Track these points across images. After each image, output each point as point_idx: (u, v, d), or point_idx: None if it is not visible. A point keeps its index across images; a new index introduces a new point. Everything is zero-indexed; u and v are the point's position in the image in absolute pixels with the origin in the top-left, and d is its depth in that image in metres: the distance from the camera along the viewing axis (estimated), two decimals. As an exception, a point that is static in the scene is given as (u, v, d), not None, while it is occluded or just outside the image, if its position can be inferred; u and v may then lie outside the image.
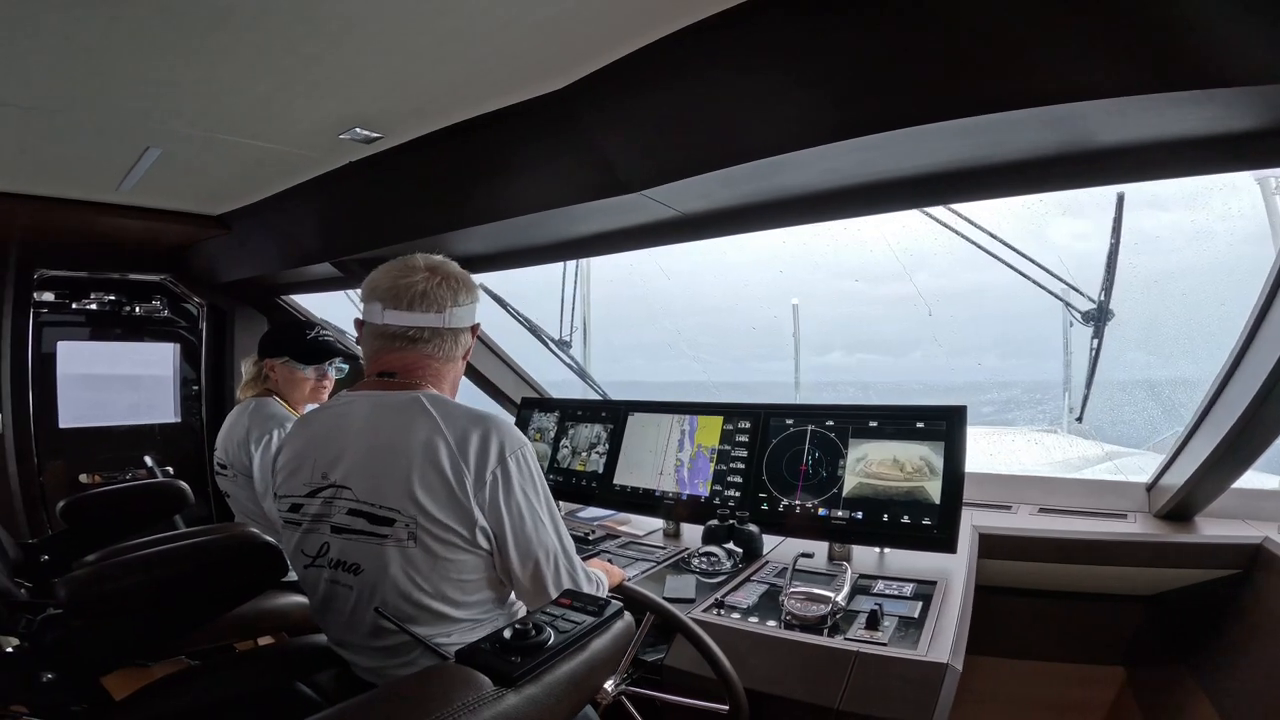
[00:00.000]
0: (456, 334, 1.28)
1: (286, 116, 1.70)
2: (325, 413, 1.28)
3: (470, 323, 1.31)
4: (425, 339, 1.25)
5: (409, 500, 1.08)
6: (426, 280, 1.25)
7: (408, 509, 1.08)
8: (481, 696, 0.71)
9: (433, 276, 1.26)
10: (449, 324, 1.25)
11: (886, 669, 1.26)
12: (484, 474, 1.10)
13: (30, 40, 1.33)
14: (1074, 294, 1.85)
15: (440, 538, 1.09)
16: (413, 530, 1.09)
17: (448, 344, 1.27)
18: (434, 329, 1.25)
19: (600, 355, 3.57)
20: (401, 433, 1.12)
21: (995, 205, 1.81)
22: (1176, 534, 1.88)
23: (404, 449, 1.11)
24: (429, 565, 1.10)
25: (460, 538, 1.10)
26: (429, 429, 1.12)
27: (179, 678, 1.27)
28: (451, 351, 1.28)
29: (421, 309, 1.23)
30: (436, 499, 1.08)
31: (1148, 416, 3.33)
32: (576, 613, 0.88)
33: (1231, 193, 2.07)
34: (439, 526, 1.08)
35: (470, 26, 1.27)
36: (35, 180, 2.29)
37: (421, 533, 1.08)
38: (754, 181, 1.57)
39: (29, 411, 3.05)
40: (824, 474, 1.93)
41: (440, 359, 1.27)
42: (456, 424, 1.13)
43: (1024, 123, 1.16)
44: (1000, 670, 2.22)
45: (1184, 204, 2.20)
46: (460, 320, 1.28)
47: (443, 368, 1.28)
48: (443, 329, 1.25)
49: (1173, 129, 1.17)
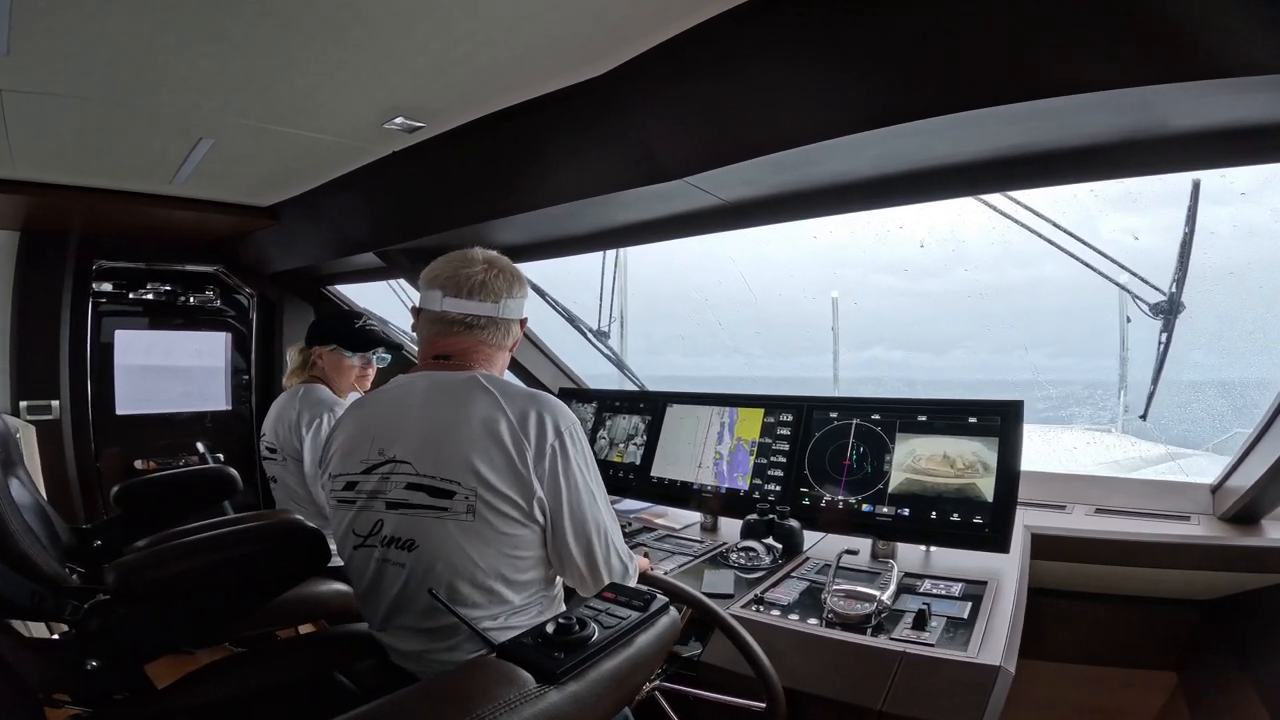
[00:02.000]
0: (508, 324, 1.34)
1: (332, 106, 1.72)
2: (382, 394, 1.32)
3: (520, 315, 1.38)
4: (480, 326, 1.30)
5: (469, 472, 1.11)
6: (485, 271, 1.31)
7: (468, 480, 1.11)
8: (524, 694, 0.69)
9: (490, 269, 1.33)
10: (502, 314, 1.32)
11: (934, 670, 1.22)
12: (544, 446, 1.14)
13: (89, 34, 1.37)
14: (1142, 286, 1.75)
15: (498, 509, 1.12)
16: (471, 503, 1.11)
17: (499, 333, 1.33)
18: (489, 317, 1.31)
19: (637, 347, 3.55)
20: (461, 408, 1.16)
21: (1045, 200, 1.74)
22: (1241, 537, 1.79)
23: (465, 422, 1.14)
24: (485, 540, 1.12)
25: (518, 509, 1.12)
26: (489, 404, 1.16)
27: (220, 666, 1.29)
28: (502, 340, 1.35)
29: (479, 298, 1.29)
30: (497, 470, 1.11)
31: (1209, 416, 3.17)
32: (621, 607, 0.86)
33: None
34: (498, 498, 1.11)
35: (512, 12, 1.26)
36: (94, 172, 2.37)
37: (480, 505, 1.11)
38: (800, 168, 1.53)
39: (87, 398, 3.18)
40: (869, 469, 1.88)
41: (493, 346, 1.33)
42: (515, 400, 1.17)
43: (1091, 107, 1.11)
44: (1046, 674, 2.15)
45: (1248, 199, 2.07)
46: (512, 312, 1.34)
47: (494, 354, 1.34)
48: (497, 318, 1.31)
49: (1247, 115, 1.11)
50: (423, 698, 0.72)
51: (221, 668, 1.26)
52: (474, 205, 2.07)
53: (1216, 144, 1.23)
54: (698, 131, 1.48)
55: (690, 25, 1.30)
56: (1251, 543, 1.76)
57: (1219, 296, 2.12)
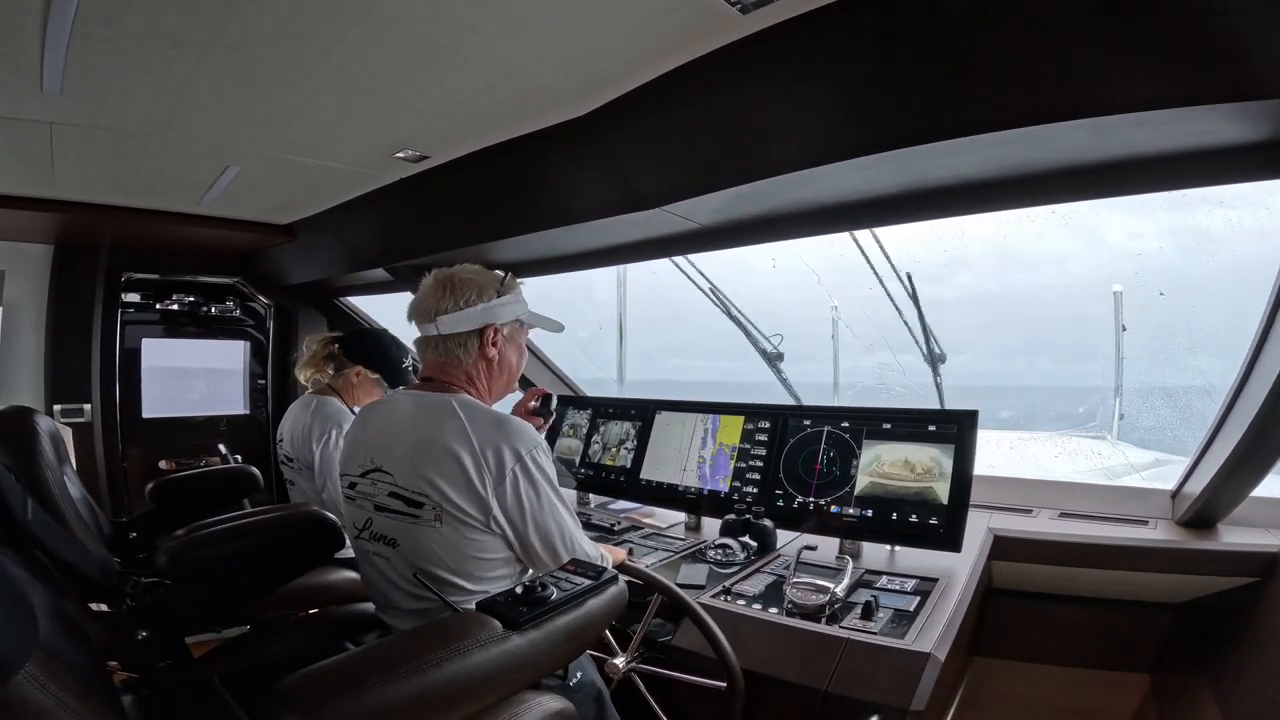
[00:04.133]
0: (451, 339, 1.38)
1: (347, 139, 1.89)
2: (380, 407, 1.47)
3: (468, 326, 1.37)
4: (435, 345, 1.39)
5: (434, 489, 1.25)
6: (425, 293, 1.40)
7: (434, 495, 1.25)
8: (492, 635, 0.89)
9: (433, 288, 1.39)
10: (441, 330, 1.37)
11: (873, 656, 1.35)
12: (504, 472, 1.25)
13: (132, 77, 1.54)
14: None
15: (461, 520, 1.25)
16: (438, 513, 1.25)
17: (458, 347, 1.38)
18: (432, 337, 1.38)
19: (633, 356, 3.70)
20: (434, 430, 1.28)
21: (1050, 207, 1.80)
22: (1194, 541, 1.88)
23: (434, 445, 1.27)
24: (453, 542, 1.27)
25: (478, 521, 1.26)
26: (455, 431, 1.27)
27: (246, 639, 1.49)
28: (456, 356, 1.39)
29: (420, 320, 1.40)
30: (457, 489, 1.24)
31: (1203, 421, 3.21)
32: (578, 576, 1.05)
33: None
34: (459, 511, 1.25)
35: (505, 62, 1.42)
36: (128, 194, 2.55)
37: (445, 515, 1.25)
38: (768, 197, 1.67)
39: (115, 402, 3.38)
40: (837, 473, 2.01)
41: (451, 362, 1.39)
42: (480, 428, 1.27)
43: (1053, 134, 1.19)
44: (1024, 674, 2.22)
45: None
46: (453, 326, 1.36)
47: (458, 370, 1.40)
48: (437, 336, 1.38)
49: (1204, 139, 1.22)
50: (417, 636, 0.92)
51: (248, 640, 1.46)
52: (474, 226, 2.24)
53: (1170, 166, 1.33)
54: (671, 165, 1.63)
55: (664, 71, 1.44)
56: (1203, 546, 1.84)
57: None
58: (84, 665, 0.88)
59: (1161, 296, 2.82)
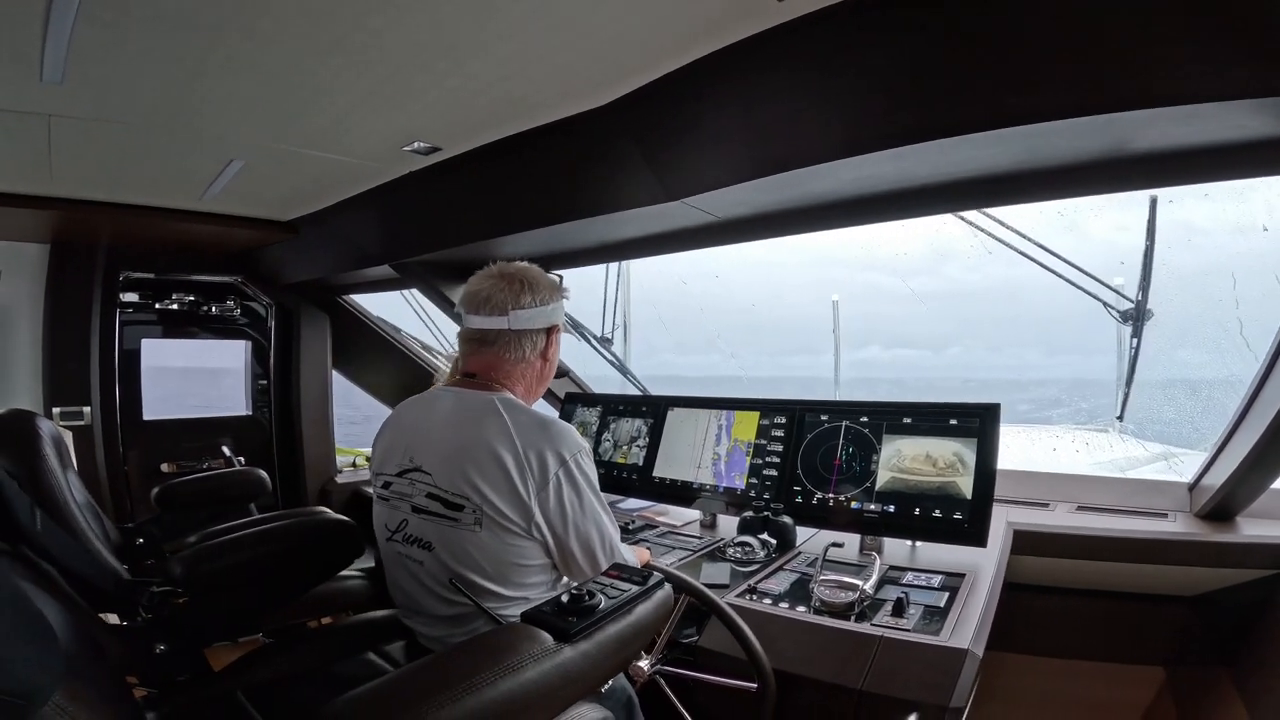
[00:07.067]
0: (526, 335, 1.35)
1: (357, 132, 1.85)
2: (418, 404, 1.41)
3: (540, 324, 1.37)
4: (492, 341, 1.35)
5: (475, 491, 1.21)
6: (493, 285, 1.35)
7: (475, 497, 1.21)
8: (544, 649, 0.84)
9: (500, 281, 1.36)
10: (513, 325, 1.33)
11: (909, 653, 1.33)
12: (547, 477, 1.22)
13: (135, 65, 1.49)
14: (1113, 294, 1.85)
15: (502, 524, 1.21)
16: (478, 516, 1.21)
17: (517, 346, 1.35)
18: (498, 330, 1.34)
19: (639, 352, 3.67)
20: (476, 430, 1.24)
21: (1035, 206, 1.82)
22: (1215, 533, 1.87)
23: (476, 446, 1.23)
24: (492, 547, 1.22)
25: (519, 526, 1.22)
26: (499, 432, 1.23)
27: (267, 650, 1.43)
28: (520, 353, 1.36)
29: (486, 311, 1.34)
30: (500, 493, 1.20)
31: (1208, 414, 3.23)
32: (624, 582, 1.00)
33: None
34: (500, 515, 1.21)
35: (521, 52, 1.38)
36: (126, 190, 2.49)
37: (486, 519, 1.21)
38: (787, 189, 1.64)
39: (115, 404, 3.31)
40: (857, 468, 1.99)
41: (511, 360, 1.36)
42: (524, 431, 1.24)
43: (1065, 130, 1.19)
44: (1039, 668, 2.22)
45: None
46: (526, 322, 1.34)
47: (515, 369, 1.37)
48: (507, 330, 1.34)
49: (1204, 136, 1.21)
50: (466, 653, 0.87)
51: (269, 652, 1.40)
52: (486, 221, 2.19)
53: (1171, 163, 1.33)
54: (692, 158, 1.59)
55: (683, 63, 1.41)
56: (1224, 539, 1.83)
57: (1191, 300, 2.18)
58: (105, 683, 0.84)
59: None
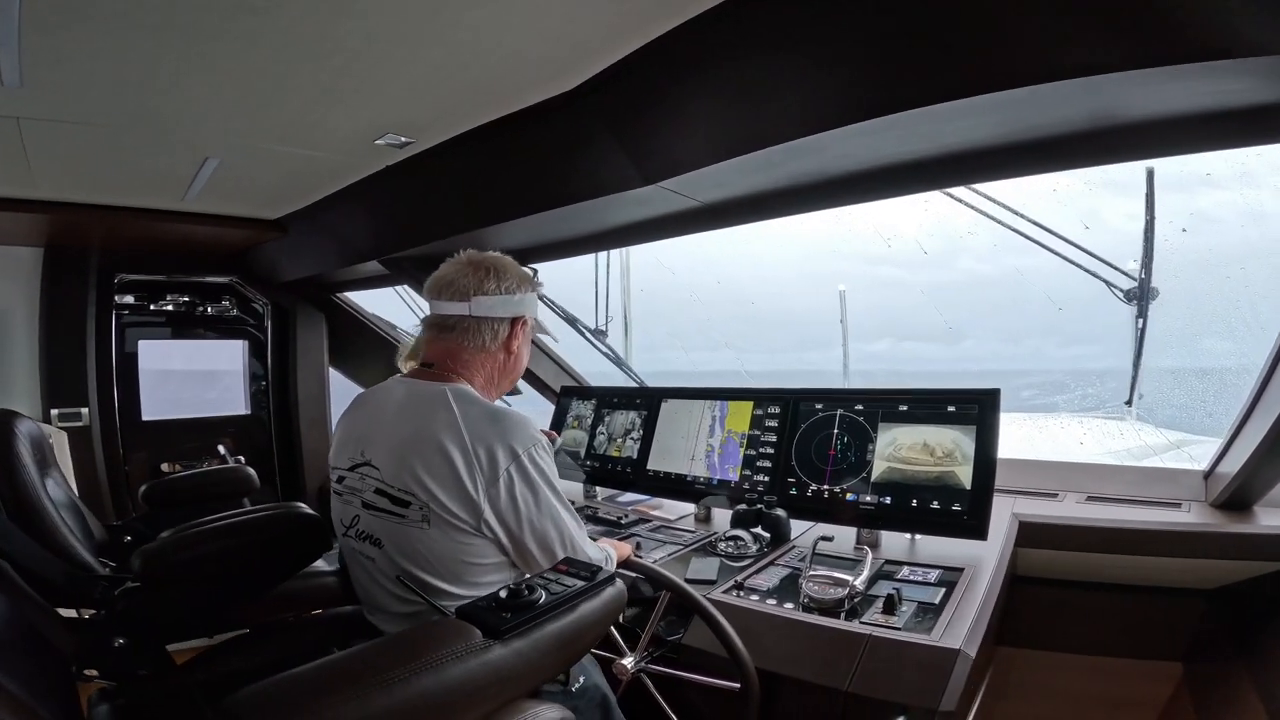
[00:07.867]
0: (483, 322, 1.30)
1: (324, 125, 1.80)
2: (375, 394, 1.36)
3: (504, 313, 1.32)
4: (451, 326, 1.29)
5: (421, 487, 1.15)
6: (458, 270, 1.30)
7: (421, 494, 1.15)
8: (471, 645, 0.79)
9: (466, 266, 1.30)
10: (474, 311, 1.28)
11: (898, 653, 1.26)
12: (497, 473, 1.15)
13: (92, 65, 1.46)
14: (1118, 273, 1.77)
15: (450, 522, 1.16)
16: (426, 514, 1.16)
17: (479, 333, 1.30)
18: (459, 316, 1.28)
19: (640, 344, 3.61)
20: (424, 423, 1.19)
21: (1039, 188, 1.74)
22: (1231, 524, 1.78)
23: (423, 439, 1.17)
24: (442, 546, 1.17)
25: (468, 524, 1.16)
26: (447, 424, 1.17)
27: (230, 645, 1.40)
28: (480, 340, 1.30)
29: (448, 297, 1.29)
30: (446, 489, 1.14)
31: (1223, 401, 3.12)
32: (570, 578, 0.94)
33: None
34: (448, 513, 1.15)
35: (481, 37, 1.33)
36: (110, 191, 2.48)
37: (434, 516, 1.15)
38: (767, 170, 1.58)
39: (114, 405, 3.34)
40: (853, 458, 1.92)
41: (470, 348, 1.30)
42: (474, 423, 1.18)
43: (1047, 98, 1.13)
44: (1052, 663, 2.15)
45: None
46: (489, 309, 1.29)
47: (474, 358, 1.31)
48: (468, 316, 1.28)
49: (1196, 102, 1.13)
50: (386, 647, 0.83)
51: (232, 646, 1.37)
52: (467, 212, 2.15)
53: (1164, 132, 1.25)
54: (663, 139, 1.54)
55: (648, 39, 1.35)
56: (1242, 529, 1.75)
57: (1205, 285, 2.10)
58: (37, 672, 0.81)
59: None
